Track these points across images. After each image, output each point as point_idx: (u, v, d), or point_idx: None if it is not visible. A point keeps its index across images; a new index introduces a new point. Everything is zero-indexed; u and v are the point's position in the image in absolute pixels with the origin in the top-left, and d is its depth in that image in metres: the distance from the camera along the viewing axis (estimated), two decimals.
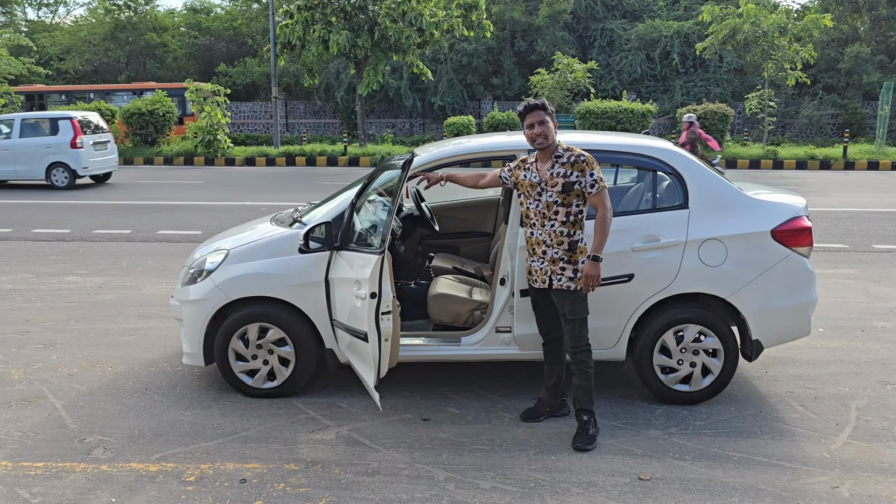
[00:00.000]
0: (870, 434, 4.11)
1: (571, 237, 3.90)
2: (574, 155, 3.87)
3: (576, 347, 3.96)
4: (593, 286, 3.84)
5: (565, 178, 3.85)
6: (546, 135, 3.87)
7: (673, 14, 36.95)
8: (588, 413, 4.02)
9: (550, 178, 3.89)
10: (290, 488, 3.52)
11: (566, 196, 3.86)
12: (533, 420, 4.24)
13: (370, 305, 3.77)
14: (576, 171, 3.84)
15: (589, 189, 3.84)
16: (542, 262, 3.94)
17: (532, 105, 3.89)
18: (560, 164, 3.88)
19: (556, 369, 4.21)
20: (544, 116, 3.86)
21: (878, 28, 37.56)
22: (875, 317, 6.35)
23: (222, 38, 41.65)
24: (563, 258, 3.89)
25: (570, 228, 3.90)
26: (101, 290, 7.30)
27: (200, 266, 4.68)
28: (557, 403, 4.28)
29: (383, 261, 3.79)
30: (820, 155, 20.91)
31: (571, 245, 3.89)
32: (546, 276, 3.93)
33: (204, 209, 12.74)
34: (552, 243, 3.91)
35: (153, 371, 5.08)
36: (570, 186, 3.85)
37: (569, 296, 3.91)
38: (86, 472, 3.67)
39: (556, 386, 4.24)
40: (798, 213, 4.48)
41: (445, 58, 34.33)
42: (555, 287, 3.92)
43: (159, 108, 22.79)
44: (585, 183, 3.84)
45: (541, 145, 3.90)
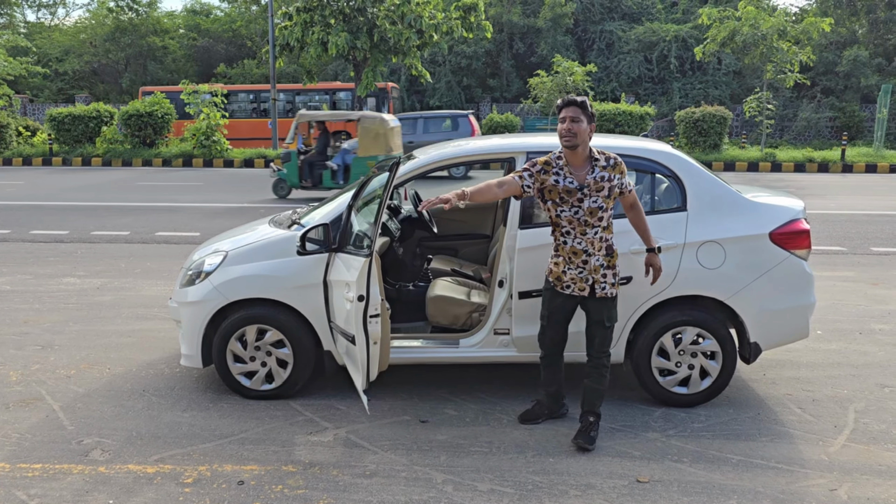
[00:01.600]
0: (868, 436, 4.11)
1: (607, 241, 3.85)
2: (612, 158, 3.84)
3: (602, 352, 3.96)
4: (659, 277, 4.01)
5: (610, 182, 3.78)
6: (576, 133, 3.71)
7: (671, 17, 37.01)
8: (595, 416, 4.03)
9: (594, 182, 3.76)
10: (287, 490, 3.51)
11: (609, 200, 3.80)
12: (531, 422, 4.22)
13: (357, 308, 3.76)
14: (617, 174, 3.80)
15: (628, 188, 3.86)
16: (583, 271, 3.83)
17: (571, 100, 3.77)
18: (600, 167, 3.79)
19: (556, 379, 4.17)
20: (580, 114, 3.72)
21: (876, 31, 37.62)
22: (873, 319, 6.35)
23: (221, 39, 41.68)
24: (605, 264, 3.83)
25: (608, 233, 3.86)
26: (100, 291, 7.29)
27: (199, 268, 4.68)
28: (557, 406, 4.26)
29: (370, 263, 3.77)
30: (818, 158, 20.95)
31: (609, 249, 3.85)
32: (587, 285, 3.84)
33: (202, 211, 12.73)
34: (594, 251, 3.81)
35: (151, 373, 5.07)
36: (612, 190, 3.79)
37: (610, 302, 3.89)
38: (83, 474, 3.66)
39: (558, 392, 4.22)
40: (796, 216, 4.48)
41: (444, 60, 34.37)
42: (598, 296, 3.86)
43: (158, 109, 22.77)
44: (624, 184, 3.83)
45: (567, 142, 3.74)
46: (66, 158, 22.33)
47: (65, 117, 22.90)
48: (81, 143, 23.10)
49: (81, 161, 22.22)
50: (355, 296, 3.76)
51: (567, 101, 3.79)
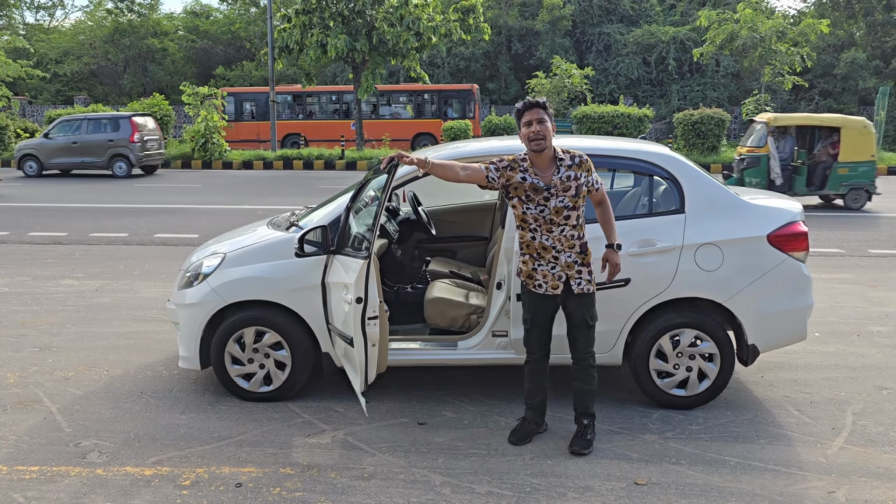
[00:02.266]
0: (866, 439, 4.11)
1: (581, 239, 3.82)
2: (577, 156, 3.80)
3: (588, 352, 3.94)
4: (614, 275, 3.89)
5: (576, 181, 3.75)
6: (544, 135, 3.68)
7: (669, 19, 37.09)
8: (589, 417, 4.02)
9: (561, 182, 3.74)
10: (285, 492, 3.51)
11: (577, 199, 3.77)
12: (524, 442, 4.02)
13: (355, 310, 3.76)
14: (583, 172, 3.77)
15: (596, 185, 3.81)
16: (555, 266, 3.82)
17: (532, 102, 3.74)
18: (566, 167, 3.76)
19: (541, 388, 4.06)
20: (543, 115, 3.69)
21: (873, 33, 37.69)
22: (871, 321, 6.36)
23: (220, 41, 41.73)
24: (578, 261, 3.81)
25: (580, 231, 3.82)
26: (98, 293, 7.29)
27: (197, 269, 4.67)
28: (542, 419, 4.14)
29: (369, 266, 3.77)
30: None
31: (582, 247, 3.83)
32: (560, 282, 3.83)
33: (201, 212, 12.73)
34: (563, 248, 3.80)
35: (149, 375, 5.07)
36: (580, 189, 3.76)
37: (589, 299, 3.86)
38: (81, 477, 3.66)
39: (543, 404, 4.11)
40: (794, 218, 4.49)
41: (443, 62, 34.41)
42: (576, 292, 3.83)
43: (157, 111, 22.76)
44: (592, 181, 3.80)
45: (537, 147, 3.70)
46: None
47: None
48: None
49: None
50: (353, 298, 3.76)
51: (528, 103, 3.76)
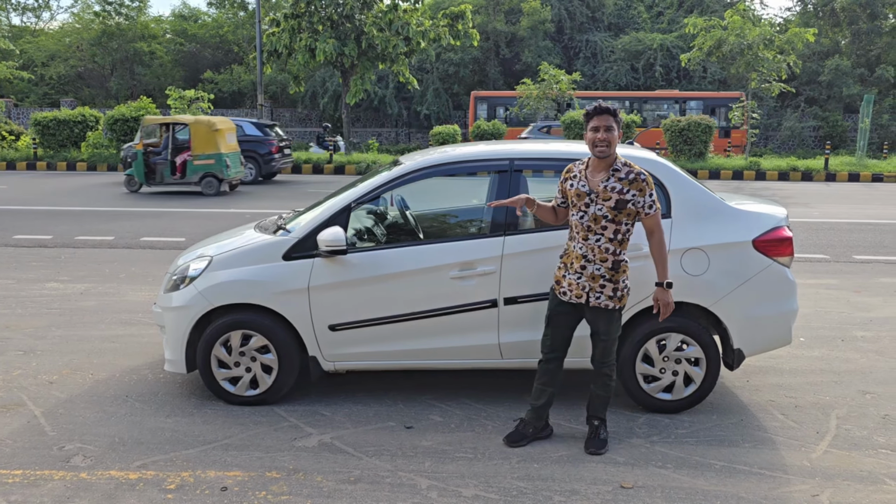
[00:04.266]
0: (849, 443, 4.14)
1: (617, 256, 3.78)
2: (634, 172, 3.73)
3: (603, 363, 3.96)
4: (669, 313, 3.85)
5: (620, 195, 3.70)
6: (610, 142, 3.69)
7: (657, 27, 37.34)
8: (599, 420, 4.07)
9: (603, 190, 3.72)
10: (271, 496, 3.49)
11: (618, 213, 3.72)
12: (517, 444, 4.03)
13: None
14: (633, 190, 3.71)
15: (647, 210, 3.73)
16: (581, 276, 3.80)
17: (603, 108, 3.71)
18: (617, 178, 3.73)
19: (546, 391, 4.04)
20: (612, 122, 3.68)
21: (858, 42, 38.09)
22: (855, 326, 6.41)
23: (208, 45, 41.65)
24: (605, 276, 3.77)
25: (618, 247, 3.77)
26: (83, 296, 7.24)
27: (183, 272, 4.66)
28: (541, 425, 4.16)
29: None
30: (802, 167, 21.16)
31: (615, 264, 3.78)
32: (583, 292, 3.81)
33: (188, 216, 12.68)
34: (594, 259, 3.77)
35: (135, 378, 5.04)
36: (623, 204, 3.71)
37: (605, 315, 3.84)
38: (64, 480, 3.63)
39: (544, 408, 4.10)
40: (779, 224, 4.53)
41: (432, 67, 34.49)
42: (592, 305, 3.82)
43: (144, 114, 22.64)
44: (644, 203, 3.72)
45: (601, 153, 3.71)
46: (51, 163, 22.17)
47: (50, 121, 22.73)
48: (66, 147, 22.93)
49: (66, 166, 22.06)
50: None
51: (599, 108, 3.73)
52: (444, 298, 4.40)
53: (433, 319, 4.42)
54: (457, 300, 4.39)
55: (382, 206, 5.63)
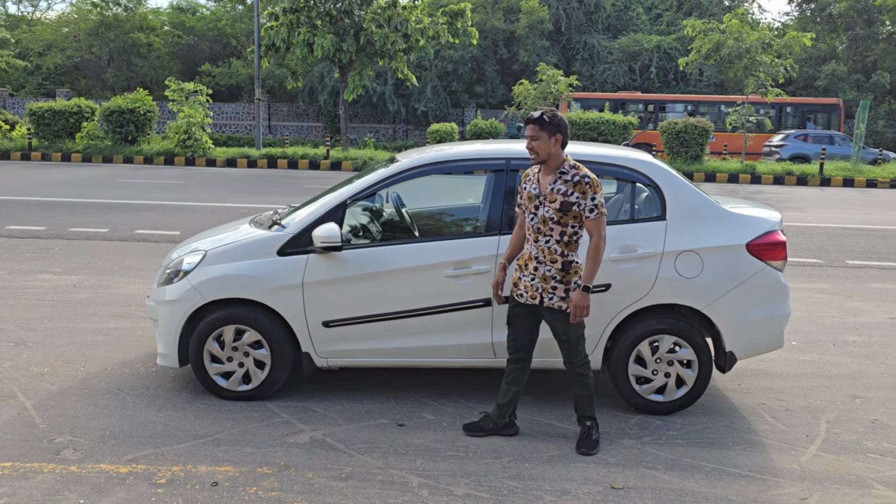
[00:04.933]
0: (839, 447, 4.16)
1: (565, 257, 3.83)
2: (579, 175, 3.78)
3: (573, 363, 3.98)
4: (580, 317, 3.80)
5: (564, 197, 3.76)
6: (536, 150, 3.79)
7: (656, 29, 37.39)
8: (591, 419, 4.09)
9: (550, 193, 3.80)
10: (262, 492, 3.49)
11: (563, 215, 3.78)
12: (473, 433, 4.14)
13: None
14: (577, 192, 3.76)
15: (587, 213, 3.76)
16: (534, 278, 3.87)
17: (528, 118, 3.82)
18: (563, 180, 3.79)
19: (511, 390, 4.09)
20: (538, 131, 3.77)
21: (855, 48, 38.23)
22: (847, 331, 6.44)
23: (206, 38, 41.51)
24: (556, 277, 3.83)
25: (565, 248, 3.82)
26: (76, 288, 7.22)
27: (177, 266, 4.64)
28: (503, 423, 4.17)
29: None
30: (797, 171, 21.24)
31: (565, 265, 3.83)
32: (537, 293, 3.87)
33: (183, 209, 12.65)
34: (545, 260, 3.84)
35: (126, 371, 5.03)
36: (568, 206, 3.76)
37: (560, 316, 3.87)
38: (54, 473, 3.62)
39: (508, 406, 4.12)
40: (773, 228, 4.54)
41: (430, 64, 34.46)
42: (546, 305, 3.87)
43: (140, 106, 22.58)
44: (585, 206, 3.76)
45: (533, 159, 3.85)
46: (46, 153, 22.07)
47: (45, 112, 22.63)
48: (61, 138, 22.84)
49: (61, 156, 21.97)
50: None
51: (528, 119, 3.82)
52: (438, 297, 4.40)
53: (427, 317, 4.42)
54: (451, 299, 4.40)
55: (378, 204, 5.63)
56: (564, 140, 3.82)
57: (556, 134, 3.79)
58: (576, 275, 3.86)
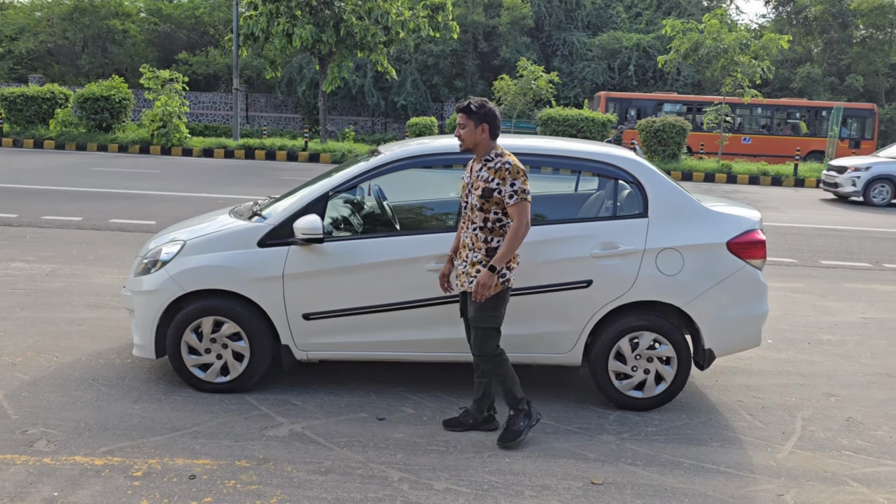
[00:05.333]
0: (814, 444, 4.21)
1: (489, 243, 3.81)
2: (501, 162, 3.78)
3: (479, 356, 3.92)
4: (482, 296, 3.73)
5: (486, 184, 3.77)
6: (463, 138, 3.84)
7: (635, 27, 37.57)
8: (516, 410, 4.02)
9: (476, 179, 3.84)
10: (240, 485, 3.45)
11: (485, 201, 3.78)
12: (453, 429, 4.14)
13: None
14: (497, 179, 3.75)
15: (507, 200, 3.74)
16: (465, 265, 3.89)
17: (460, 107, 3.85)
18: (487, 167, 3.81)
19: (482, 383, 4.10)
20: (466, 120, 3.80)
21: (829, 51, 38.74)
22: (821, 330, 6.52)
23: (183, 26, 40.93)
24: (481, 262, 3.81)
25: (488, 234, 3.81)
26: (50, 277, 7.09)
27: (155, 256, 4.57)
28: (482, 418, 4.16)
29: None
30: (772, 171, 21.49)
31: (489, 252, 3.80)
32: (467, 280, 3.88)
33: (159, 199, 12.48)
34: (473, 247, 3.86)
35: (101, 362, 4.94)
36: (489, 192, 3.76)
37: (471, 300, 3.85)
38: (27, 465, 3.55)
39: (483, 400, 4.13)
40: (753, 227, 4.58)
41: (410, 58, 34.33)
42: (465, 289, 3.88)
43: (115, 94, 22.24)
44: (505, 192, 3.74)
45: (461, 146, 3.89)
46: (17, 140, 21.66)
47: (17, 97, 22.18)
48: (34, 124, 22.40)
49: (33, 143, 21.57)
50: None
51: (458, 107, 3.86)
52: (419, 290, 4.37)
53: (408, 311, 4.39)
54: (432, 292, 4.36)
55: (359, 196, 5.60)
56: (492, 130, 3.83)
57: (483, 123, 3.81)
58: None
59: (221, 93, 37.48)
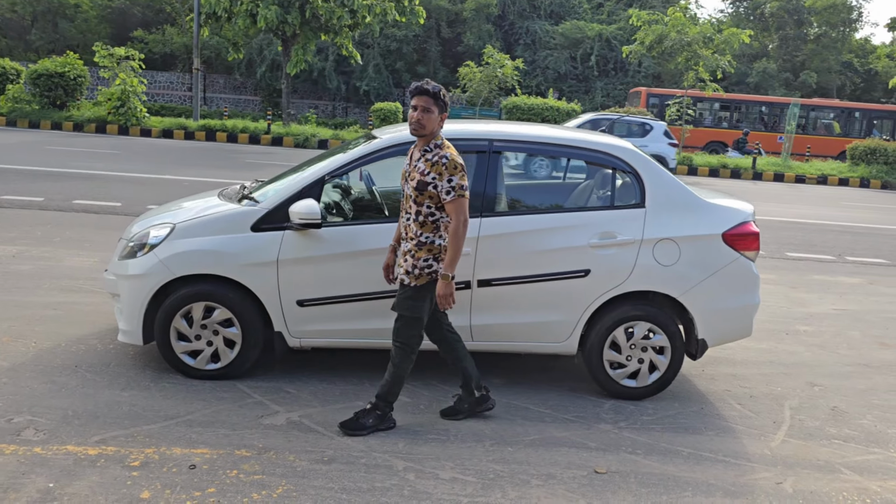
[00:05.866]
0: (804, 433, 4.30)
1: (419, 237, 3.71)
2: (439, 155, 3.63)
3: (395, 340, 3.81)
4: (448, 305, 3.66)
5: (421, 176, 3.64)
6: (423, 123, 3.62)
7: (596, 18, 37.82)
8: (374, 403, 3.88)
9: (413, 170, 3.71)
10: (243, 475, 3.37)
11: (419, 194, 3.65)
12: (452, 418, 4.11)
13: None
14: (433, 173, 3.61)
15: (444, 196, 3.61)
16: (400, 255, 3.85)
17: (422, 88, 3.63)
18: (425, 159, 3.66)
19: (458, 366, 4.08)
20: (432, 105, 3.62)
21: (785, 47, 39.60)
22: (796, 321, 6.67)
23: (138, 2, 39.73)
24: (410, 252, 3.73)
25: (419, 228, 3.70)
26: (17, 260, 6.81)
27: (142, 239, 4.42)
28: (475, 399, 4.14)
29: None
30: (731, 164, 21.89)
31: (419, 244, 3.71)
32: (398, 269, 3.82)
33: (122, 180, 12.11)
34: (406, 237, 3.77)
35: (82, 348, 4.77)
36: (423, 186, 3.63)
37: (402, 289, 3.76)
38: (17, 455, 3.40)
39: (469, 380, 4.10)
40: (747, 218, 4.64)
41: (373, 42, 33.94)
42: (396, 277, 3.82)
43: (70, 70, 21.51)
44: (441, 188, 3.60)
45: (415, 131, 3.67)
46: None
47: None
48: None
49: None
50: None
51: (418, 88, 3.64)
52: None
53: None
54: None
55: (346, 181, 5.50)
56: (444, 120, 3.75)
57: (444, 113, 3.68)
58: (429, 253, 3.70)
59: (178, 73, 36.58)
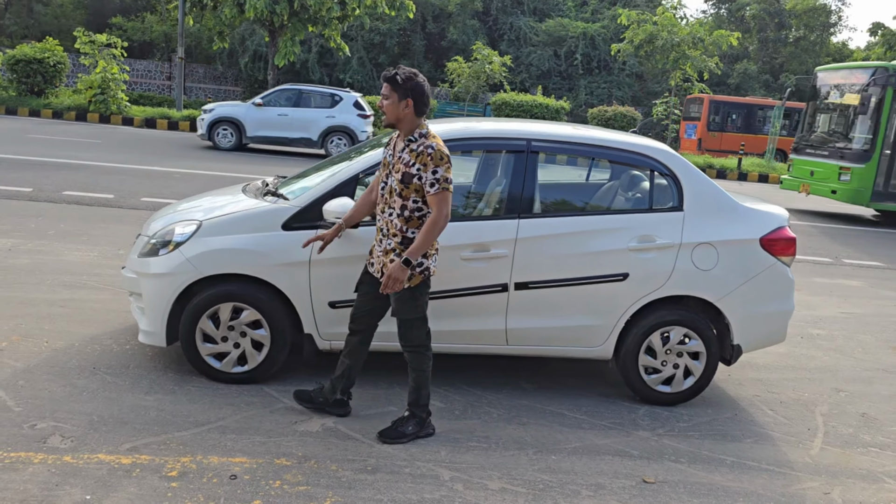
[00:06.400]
0: (840, 440, 4.26)
1: (405, 233, 3.56)
2: (424, 145, 3.47)
3: (405, 346, 3.72)
4: (391, 289, 3.49)
5: (406, 167, 3.49)
6: (385, 111, 3.52)
7: (581, 16, 37.88)
8: (409, 411, 3.78)
9: (397, 161, 3.55)
10: (288, 486, 3.23)
11: (404, 187, 3.51)
12: (304, 403, 3.97)
13: None
14: (418, 164, 3.46)
15: (428, 188, 3.46)
16: (379, 250, 3.66)
17: (383, 75, 3.53)
18: (409, 150, 3.51)
19: (345, 363, 3.88)
20: (389, 91, 3.48)
21: (765, 49, 40.01)
22: (808, 325, 6.66)
23: None
24: (396, 251, 3.57)
25: (405, 224, 3.55)
26: (13, 253, 6.56)
27: (166, 236, 4.24)
28: (334, 399, 3.94)
29: None
30: (717, 164, 22.02)
31: (405, 241, 3.56)
32: (381, 267, 3.65)
33: (111, 171, 11.81)
34: (388, 233, 3.60)
35: (97, 348, 4.58)
36: (409, 178, 3.49)
37: (393, 293, 3.62)
38: (46, 464, 3.23)
39: (340, 380, 3.91)
40: (783, 223, 4.59)
41: (357, 34, 33.63)
42: (381, 280, 3.61)
43: (49, 57, 20.99)
44: (426, 180, 3.46)
45: (383, 120, 3.59)
46: None
47: None
48: None
49: None
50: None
51: (384, 76, 3.53)
52: (453, 280, 4.19)
53: (441, 301, 4.20)
54: (467, 282, 4.21)
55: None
56: (418, 106, 3.51)
57: (407, 98, 3.48)
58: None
59: (157, 61, 35.93)
